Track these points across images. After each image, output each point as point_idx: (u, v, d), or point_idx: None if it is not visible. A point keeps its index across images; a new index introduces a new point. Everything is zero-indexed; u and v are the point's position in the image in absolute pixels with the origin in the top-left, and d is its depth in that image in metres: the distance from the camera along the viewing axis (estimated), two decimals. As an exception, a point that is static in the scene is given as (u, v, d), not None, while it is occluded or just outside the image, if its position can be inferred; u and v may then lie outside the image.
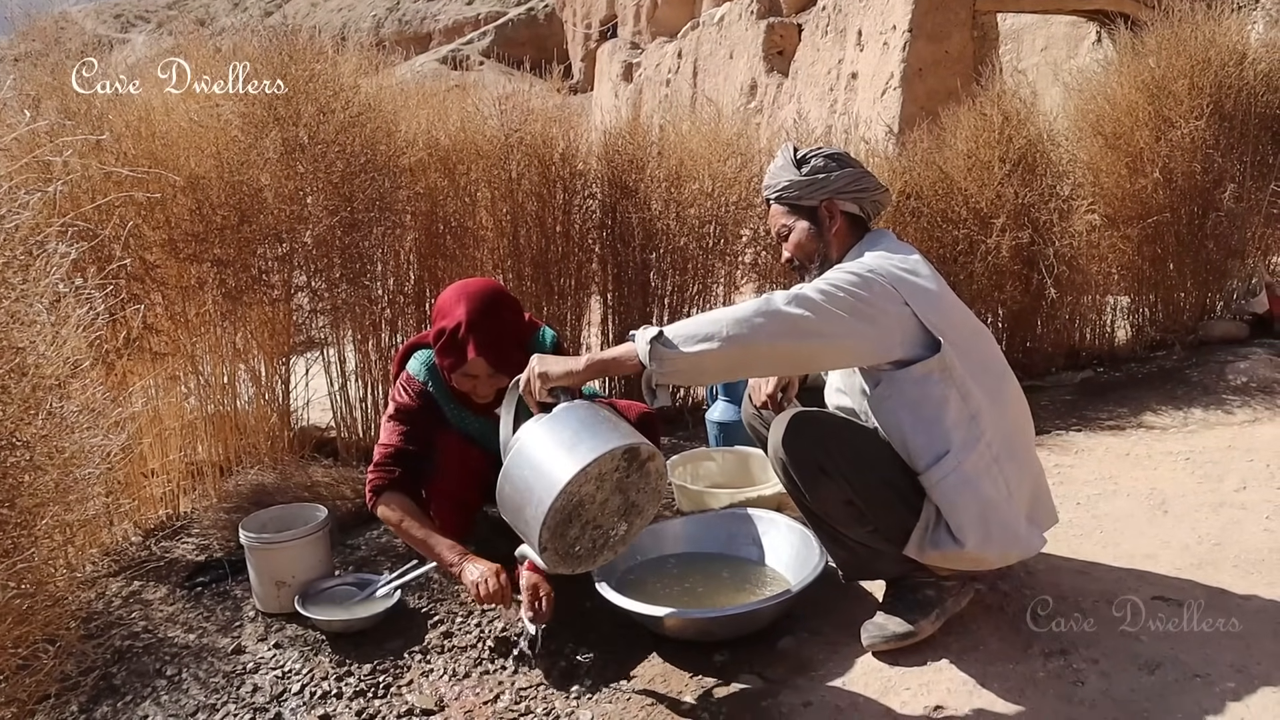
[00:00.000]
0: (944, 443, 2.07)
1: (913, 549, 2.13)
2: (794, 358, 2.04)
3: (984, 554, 2.09)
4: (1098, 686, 1.97)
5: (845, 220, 2.30)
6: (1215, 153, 4.37)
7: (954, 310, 2.16)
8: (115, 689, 2.29)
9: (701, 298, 4.29)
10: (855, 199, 2.28)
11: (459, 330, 2.41)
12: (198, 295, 3.37)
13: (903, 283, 2.07)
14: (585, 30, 26.39)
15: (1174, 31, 4.48)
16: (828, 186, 2.26)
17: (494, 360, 2.42)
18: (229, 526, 2.94)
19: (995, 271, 4.14)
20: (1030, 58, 10.23)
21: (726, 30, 14.76)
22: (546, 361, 1.97)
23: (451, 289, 2.54)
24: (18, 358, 1.86)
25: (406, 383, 2.63)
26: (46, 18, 4.09)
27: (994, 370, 2.18)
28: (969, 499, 2.06)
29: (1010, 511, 2.11)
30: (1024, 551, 2.16)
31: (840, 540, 2.24)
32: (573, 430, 1.92)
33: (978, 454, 2.08)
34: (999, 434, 2.11)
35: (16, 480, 1.86)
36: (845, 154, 2.33)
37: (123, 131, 3.18)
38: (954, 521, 2.07)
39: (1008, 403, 2.18)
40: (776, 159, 2.38)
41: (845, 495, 2.13)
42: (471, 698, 2.23)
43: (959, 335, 2.11)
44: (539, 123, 4.02)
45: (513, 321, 2.51)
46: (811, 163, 2.30)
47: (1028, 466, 2.20)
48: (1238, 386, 4.00)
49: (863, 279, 2.02)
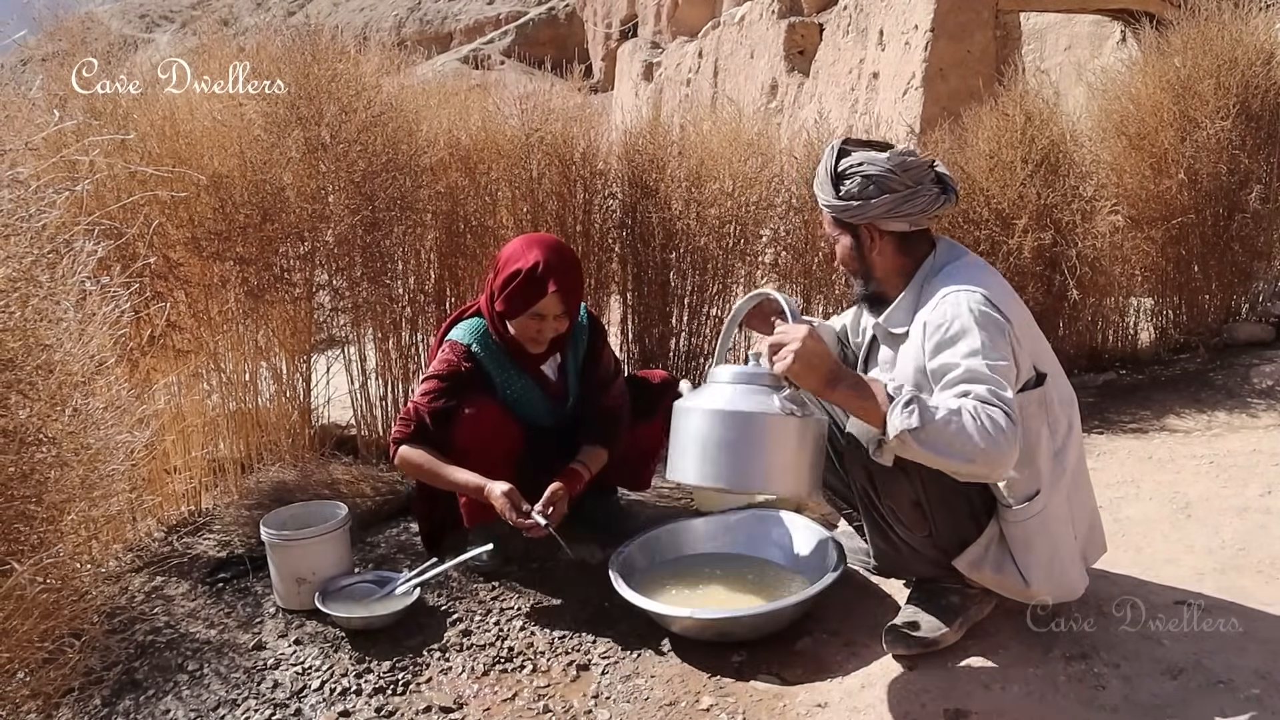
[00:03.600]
0: (1036, 480, 2.03)
1: (964, 564, 2.10)
2: None
3: (1041, 593, 2.08)
4: (1120, 691, 1.95)
5: (892, 240, 2.14)
6: (1241, 153, 4.32)
7: (1042, 339, 2.11)
8: (137, 683, 2.31)
9: (721, 298, 4.28)
10: (903, 219, 2.10)
11: (537, 268, 2.48)
12: (220, 293, 3.39)
13: (1011, 311, 1.99)
14: (605, 30, 26.40)
15: (1200, 31, 4.43)
16: (866, 213, 2.10)
17: (566, 300, 2.52)
18: (250, 523, 2.96)
19: (1017, 273, 4.11)
20: (1053, 57, 10.15)
21: (747, 30, 14.73)
22: (810, 358, 1.85)
23: (518, 240, 2.63)
24: (45, 355, 1.88)
25: (451, 348, 2.65)
26: (73, 18, 4.12)
27: (1068, 400, 2.13)
28: (1045, 542, 2.04)
29: (1072, 552, 2.10)
30: (1072, 594, 2.13)
31: (888, 535, 2.19)
32: (803, 453, 2.01)
33: (1060, 493, 2.05)
34: (1071, 472, 2.09)
35: (43, 476, 1.88)
36: (891, 170, 2.06)
37: (147, 131, 3.21)
38: (1022, 560, 2.05)
39: (1077, 435, 2.14)
40: (822, 162, 2.19)
41: (915, 496, 2.07)
42: (490, 696, 2.24)
43: (1053, 367, 2.08)
44: (559, 122, 4.02)
45: (578, 269, 2.62)
46: (847, 185, 2.10)
47: (1087, 498, 2.18)
48: (1263, 390, 3.96)
49: (998, 346, 1.90)
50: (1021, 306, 2.08)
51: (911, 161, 2.09)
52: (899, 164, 2.07)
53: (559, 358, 2.74)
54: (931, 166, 2.13)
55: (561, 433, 2.76)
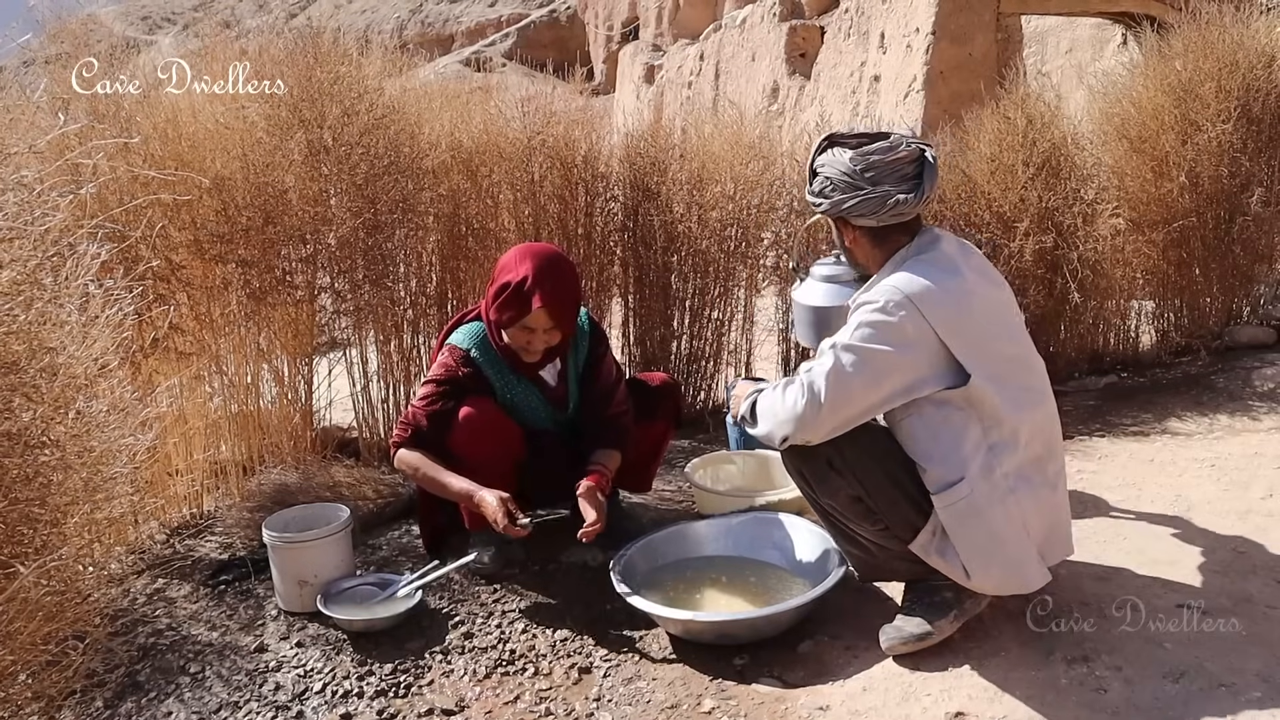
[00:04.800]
0: (958, 470, 2.06)
1: (919, 548, 2.14)
2: (842, 430, 2.11)
3: (982, 584, 2.10)
4: (1121, 694, 1.95)
5: (865, 233, 2.20)
6: (1243, 156, 4.32)
7: (991, 334, 2.10)
8: (139, 685, 2.31)
9: (723, 300, 4.29)
10: (868, 216, 2.15)
11: (525, 283, 2.49)
12: (222, 296, 3.40)
13: (937, 313, 2.03)
14: (607, 32, 26.43)
15: (1201, 34, 4.43)
16: (833, 209, 2.19)
17: (555, 314, 2.52)
18: (252, 526, 2.97)
19: (1018, 275, 4.12)
20: (1055, 60, 10.15)
21: (748, 33, 14.75)
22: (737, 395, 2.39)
23: (514, 251, 2.63)
24: (49, 357, 1.88)
25: (450, 352, 2.66)
26: (75, 20, 4.13)
27: (1029, 398, 2.13)
28: (975, 529, 2.06)
29: (1018, 545, 2.09)
30: (1021, 588, 2.13)
31: (854, 539, 2.24)
32: None
33: (991, 485, 2.06)
34: (1018, 465, 2.09)
35: (47, 478, 1.89)
36: (848, 172, 2.13)
37: (150, 133, 3.21)
38: (958, 546, 2.08)
39: (1036, 432, 2.13)
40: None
41: (854, 491, 2.15)
42: (492, 698, 2.24)
43: (993, 363, 2.07)
44: (561, 125, 4.02)
45: (572, 281, 2.60)
46: (818, 180, 2.20)
47: (1050, 498, 2.16)
48: (1264, 393, 3.96)
49: (884, 325, 2.03)
50: (959, 308, 2.07)
51: (877, 160, 2.11)
52: (863, 165, 2.11)
53: (559, 363, 2.75)
54: (915, 160, 2.13)
55: (563, 436, 2.76)
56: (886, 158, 2.11)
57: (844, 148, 2.19)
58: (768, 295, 4.46)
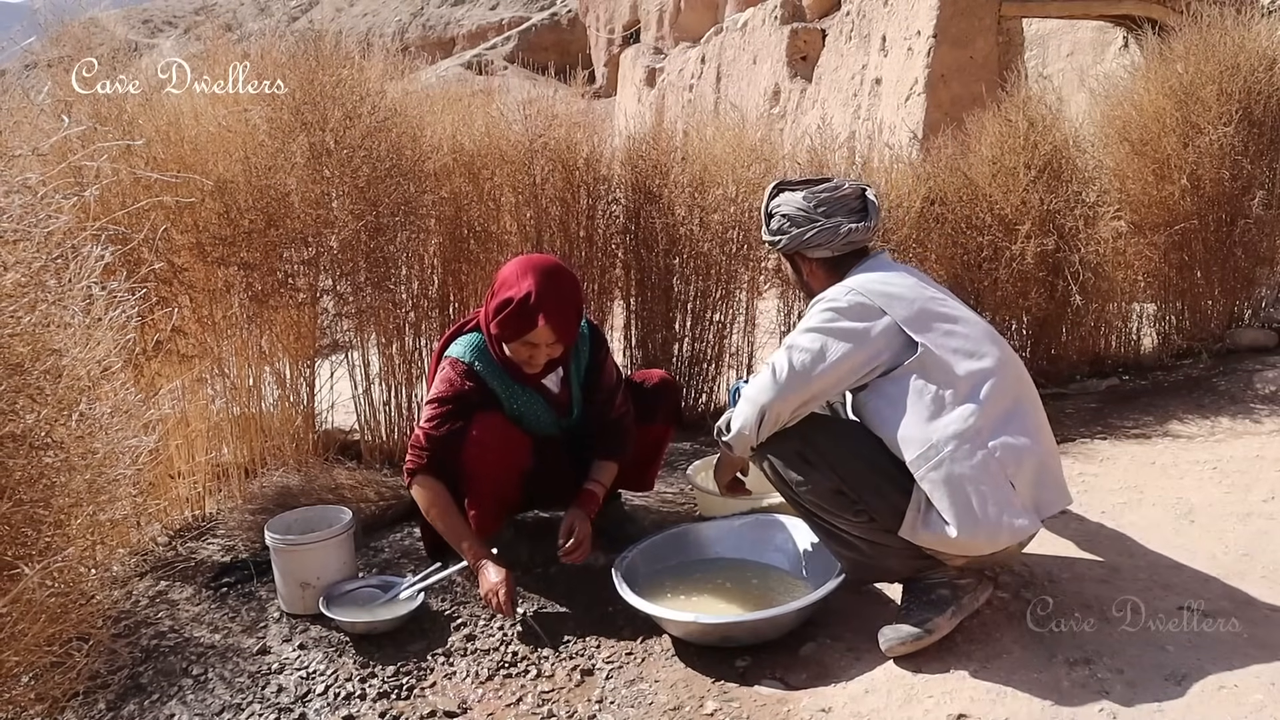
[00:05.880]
0: (929, 436, 2.11)
1: (906, 530, 2.15)
2: (809, 405, 2.25)
3: (972, 541, 2.09)
4: (1123, 696, 1.95)
5: (821, 264, 2.43)
6: (1244, 159, 4.33)
7: (927, 296, 2.26)
8: (142, 687, 2.31)
9: (725, 303, 4.29)
10: (823, 248, 2.38)
11: (529, 299, 2.46)
12: (225, 298, 3.40)
13: (879, 294, 2.22)
14: (608, 35, 26.45)
15: (1202, 37, 4.44)
16: (792, 244, 2.42)
17: (559, 329, 2.50)
18: (254, 528, 2.97)
19: (1020, 278, 4.12)
20: (1056, 63, 10.16)
21: (750, 35, 14.77)
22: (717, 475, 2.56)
23: (515, 262, 2.59)
24: (53, 359, 1.88)
25: (451, 366, 2.63)
26: (76, 23, 4.14)
27: (978, 354, 2.19)
28: (956, 491, 2.08)
29: (1003, 498, 2.09)
30: (1013, 538, 2.13)
31: (842, 538, 2.25)
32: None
33: (963, 442, 2.09)
34: (989, 421, 2.12)
35: (51, 480, 1.89)
36: (802, 209, 2.40)
37: (153, 136, 3.22)
38: (943, 511, 2.09)
39: (998, 386, 2.16)
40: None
41: (833, 484, 2.20)
42: (494, 700, 2.25)
43: (937, 326, 2.20)
44: (563, 128, 4.03)
45: (575, 294, 2.59)
46: (773, 221, 2.46)
47: (1030, 448, 2.16)
48: (1266, 395, 3.97)
49: (835, 309, 2.22)
50: (894, 284, 2.27)
51: (826, 197, 2.40)
52: (815, 202, 2.40)
53: (561, 370, 2.75)
54: (859, 196, 2.42)
55: (566, 440, 2.76)
56: (835, 194, 2.40)
57: (793, 191, 2.47)
58: (769, 298, 4.46)
